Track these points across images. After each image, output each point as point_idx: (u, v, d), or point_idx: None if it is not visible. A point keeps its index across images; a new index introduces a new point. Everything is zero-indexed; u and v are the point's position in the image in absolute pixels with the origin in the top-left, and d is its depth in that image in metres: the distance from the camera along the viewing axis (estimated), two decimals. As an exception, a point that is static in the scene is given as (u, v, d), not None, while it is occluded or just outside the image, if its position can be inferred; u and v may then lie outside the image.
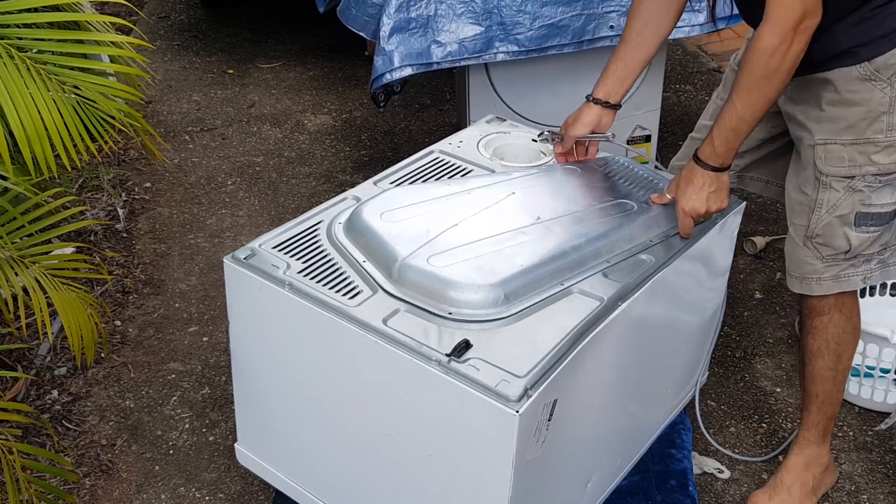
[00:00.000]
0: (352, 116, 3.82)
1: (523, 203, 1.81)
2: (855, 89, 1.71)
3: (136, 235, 3.04)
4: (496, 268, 1.59)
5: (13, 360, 2.45)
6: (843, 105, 1.74)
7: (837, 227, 1.81)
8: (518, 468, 1.43)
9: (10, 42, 1.87)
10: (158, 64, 4.25)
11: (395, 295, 1.58)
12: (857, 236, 1.81)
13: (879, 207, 1.79)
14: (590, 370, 1.58)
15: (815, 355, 1.94)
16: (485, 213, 1.77)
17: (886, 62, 1.68)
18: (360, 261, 1.67)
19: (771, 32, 1.59)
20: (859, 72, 1.70)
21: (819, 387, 1.97)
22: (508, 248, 1.65)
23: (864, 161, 1.75)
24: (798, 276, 1.90)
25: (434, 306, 1.55)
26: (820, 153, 1.78)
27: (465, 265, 1.60)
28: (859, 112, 1.72)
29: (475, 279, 1.57)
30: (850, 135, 1.74)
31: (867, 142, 1.73)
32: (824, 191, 1.80)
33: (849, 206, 1.79)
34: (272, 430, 1.85)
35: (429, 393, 1.48)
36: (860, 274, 1.86)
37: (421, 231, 1.68)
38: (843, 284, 1.87)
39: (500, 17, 2.68)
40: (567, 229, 1.74)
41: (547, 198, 1.85)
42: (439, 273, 1.57)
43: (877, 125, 1.72)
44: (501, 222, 1.73)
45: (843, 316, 1.90)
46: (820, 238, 1.84)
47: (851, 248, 1.82)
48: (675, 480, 2.07)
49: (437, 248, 1.64)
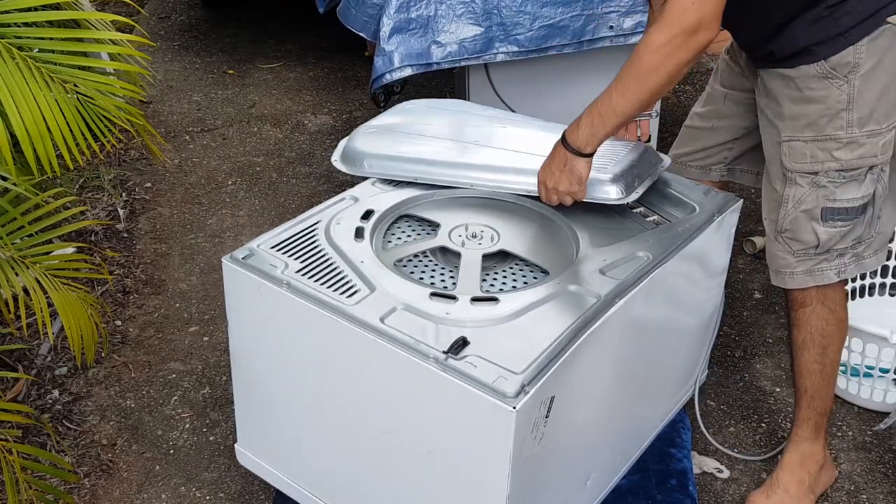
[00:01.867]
0: (352, 116, 3.82)
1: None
2: (814, 87, 1.74)
3: (136, 235, 3.05)
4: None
5: (14, 360, 2.45)
6: (803, 102, 1.76)
7: (804, 221, 1.83)
8: (516, 465, 1.43)
9: (10, 41, 1.87)
10: (159, 64, 4.26)
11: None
12: (826, 231, 1.83)
13: (846, 202, 1.80)
14: (587, 367, 1.59)
15: (800, 348, 1.96)
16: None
17: (842, 60, 1.70)
18: (359, 261, 1.68)
19: (660, 30, 1.61)
20: (817, 70, 1.72)
21: (807, 380, 1.98)
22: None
23: (826, 157, 1.77)
24: (774, 270, 1.94)
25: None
26: (785, 150, 1.82)
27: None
28: (818, 109, 1.75)
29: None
30: (810, 132, 1.77)
31: (828, 138, 1.76)
32: (790, 186, 1.83)
33: (813, 201, 1.81)
34: (272, 430, 1.85)
35: (426, 390, 1.49)
36: (834, 268, 1.88)
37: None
38: (816, 278, 1.89)
39: (499, 18, 2.68)
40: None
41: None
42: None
43: (837, 122, 1.74)
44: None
45: (825, 308, 1.92)
46: (789, 233, 1.87)
47: (821, 243, 1.84)
48: (674, 480, 2.07)
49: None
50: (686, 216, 1.91)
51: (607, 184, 1.82)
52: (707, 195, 1.96)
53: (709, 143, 2.14)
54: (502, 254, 1.80)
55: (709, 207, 1.92)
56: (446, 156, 1.95)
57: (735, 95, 2.06)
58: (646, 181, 1.90)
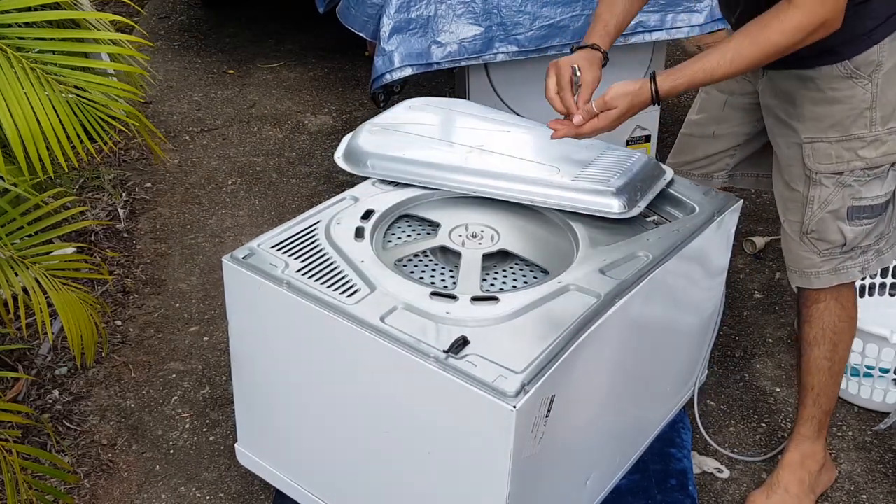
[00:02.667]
0: (352, 116, 3.82)
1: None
2: (838, 87, 1.74)
3: (136, 235, 3.05)
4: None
5: (14, 361, 2.45)
6: (826, 103, 1.76)
7: (831, 221, 1.83)
8: (516, 464, 1.43)
9: (9, 42, 1.87)
10: (159, 64, 4.26)
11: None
12: (852, 229, 1.83)
13: (871, 200, 1.81)
14: (587, 367, 1.59)
15: (810, 344, 1.95)
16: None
17: (866, 59, 1.71)
18: (359, 260, 1.68)
19: (795, 15, 1.59)
20: (841, 70, 1.72)
21: (815, 378, 1.98)
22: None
23: (851, 157, 1.77)
24: (797, 271, 1.92)
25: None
26: (807, 151, 1.81)
27: None
28: (843, 110, 1.75)
29: None
30: (835, 132, 1.77)
31: (853, 138, 1.76)
32: (815, 187, 1.82)
33: (840, 200, 1.81)
34: (272, 430, 1.85)
35: (427, 389, 1.49)
36: (858, 266, 1.88)
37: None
38: (842, 276, 1.88)
39: (499, 18, 2.68)
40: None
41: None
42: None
43: (861, 121, 1.74)
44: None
45: (839, 304, 1.92)
46: (815, 233, 1.86)
47: (847, 242, 1.84)
48: (674, 480, 2.07)
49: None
50: (686, 216, 1.91)
51: (610, 196, 1.82)
52: (707, 195, 1.96)
53: (710, 150, 2.12)
54: (502, 253, 1.80)
55: (709, 207, 1.92)
56: (451, 159, 1.94)
57: (735, 100, 2.04)
58: (648, 195, 1.90)
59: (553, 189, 1.84)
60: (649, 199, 1.89)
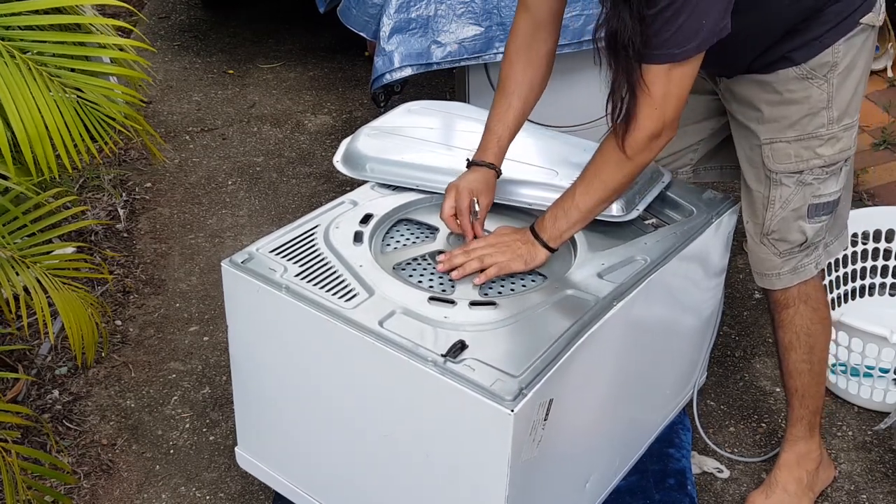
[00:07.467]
0: (352, 117, 3.82)
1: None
2: (794, 88, 1.76)
3: (136, 235, 3.05)
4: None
5: (14, 360, 2.46)
6: (783, 104, 1.78)
7: (792, 220, 1.85)
8: (514, 467, 1.44)
9: (13, 44, 1.88)
10: (159, 64, 4.26)
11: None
12: (812, 227, 1.86)
13: (828, 196, 1.84)
14: (586, 370, 1.59)
15: (787, 349, 1.97)
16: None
17: (821, 61, 1.73)
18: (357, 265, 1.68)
19: (626, 134, 1.60)
20: (797, 72, 1.75)
21: (796, 381, 1.99)
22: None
23: (810, 155, 1.80)
24: (759, 273, 1.95)
25: None
26: (767, 152, 1.83)
27: None
28: (801, 110, 1.77)
29: None
30: (793, 132, 1.79)
31: (811, 136, 1.78)
32: (776, 187, 1.84)
33: (800, 199, 1.83)
34: (272, 433, 1.86)
35: (425, 393, 1.49)
36: (813, 262, 1.91)
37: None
38: (801, 275, 1.91)
39: (499, 18, 2.68)
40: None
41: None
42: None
43: (818, 120, 1.77)
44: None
45: (809, 308, 1.93)
46: (776, 234, 1.88)
47: (808, 240, 1.87)
48: (673, 479, 2.08)
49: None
50: (684, 219, 1.91)
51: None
52: (705, 198, 1.97)
53: (675, 147, 2.10)
54: (501, 257, 1.80)
55: (707, 210, 1.93)
56: (449, 163, 1.94)
57: (697, 99, 2.01)
58: (646, 198, 1.90)
59: (551, 192, 1.84)
60: (647, 202, 1.90)
